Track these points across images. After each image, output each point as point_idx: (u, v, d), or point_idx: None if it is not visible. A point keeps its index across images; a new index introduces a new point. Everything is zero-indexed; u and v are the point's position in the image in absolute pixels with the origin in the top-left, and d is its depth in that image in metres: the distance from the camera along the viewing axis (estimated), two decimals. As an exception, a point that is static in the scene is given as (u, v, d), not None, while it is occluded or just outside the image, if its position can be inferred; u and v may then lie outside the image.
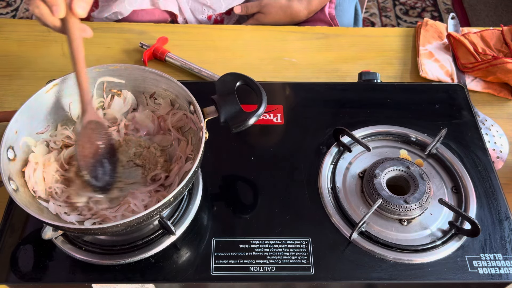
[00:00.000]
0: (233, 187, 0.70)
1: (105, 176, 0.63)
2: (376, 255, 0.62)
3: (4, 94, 0.89)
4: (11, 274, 0.61)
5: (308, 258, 0.62)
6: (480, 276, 0.60)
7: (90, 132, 0.63)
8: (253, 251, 0.62)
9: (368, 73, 0.85)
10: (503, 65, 0.86)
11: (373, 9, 2.31)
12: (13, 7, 2.30)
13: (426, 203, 0.65)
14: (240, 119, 0.63)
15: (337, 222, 0.65)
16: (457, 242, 0.63)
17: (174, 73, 0.92)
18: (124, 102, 0.71)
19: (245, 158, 0.72)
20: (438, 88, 0.82)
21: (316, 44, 0.98)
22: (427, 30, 0.98)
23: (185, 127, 0.69)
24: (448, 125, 0.73)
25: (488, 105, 0.88)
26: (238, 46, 0.98)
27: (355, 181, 0.70)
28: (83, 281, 0.61)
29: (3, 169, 0.58)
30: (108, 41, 0.97)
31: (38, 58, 0.94)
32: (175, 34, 0.98)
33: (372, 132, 0.75)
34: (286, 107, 0.79)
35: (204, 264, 0.61)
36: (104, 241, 0.63)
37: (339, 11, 1.12)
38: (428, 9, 2.31)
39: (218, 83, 0.65)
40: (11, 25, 1.01)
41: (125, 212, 0.62)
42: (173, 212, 0.66)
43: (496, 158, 0.79)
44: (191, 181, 0.59)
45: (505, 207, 0.67)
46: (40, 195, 0.63)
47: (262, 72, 0.93)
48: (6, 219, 0.65)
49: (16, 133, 0.62)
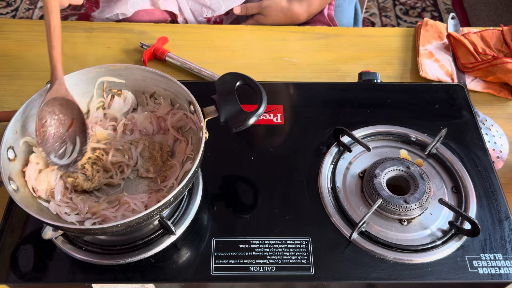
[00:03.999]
0: (233, 187, 0.70)
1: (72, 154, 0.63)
2: (376, 255, 0.62)
3: (4, 94, 0.89)
4: (11, 274, 0.61)
5: (308, 258, 0.62)
6: (480, 276, 0.61)
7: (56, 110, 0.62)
8: (253, 251, 0.62)
9: (368, 73, 0.85)
10: (503, 65, 0.86)
11: (373, 9, 2.31)
12: (13, 7, 2.30)
13: (426, 203, 0.65)
14: (240, 119, 0.63)
15: (337, 222, 0.65)
16: (457, 242, 0.63)
17: (174, 73, 0.92)
18: (124, 102, 0.71)
19: (245, 158, 0.72)
20: (438, 88, 0.82)
21: (316, 44, 0.98)
22: (427, 30, 0.98)
23: (185, 127, 0.69)
24: (448, 125, 0.73)
25: (488, 105, 0.88)
26: (238, 46, 0.98)
27: (355, 181, 0.70)
28: (83, 281, 0.61)
29: (3, 169, 0.58)
30: (108, 41, 0.97)
31: (38, 58, 0.94)
32: (175, 34, 0.98)
33: (372, 132, 0.75)
34: (286, 107, 0.79)
35: (204, 264, 0.61)
36: (104, 241, 0.63)
37: (338, 11, 1.12)
38: (428, 9, 2.31)
39: (218, 83, 0.65)
40: (11, 25, 1.01)
41: (125, 212, 0.62)
42: (173, 212, 0.66)
43: (496, 158, 0.79)
44: (191, 181, 0.59)
45: (505, 207, 0.67)
46: (40, 195, 0.63)
47: (262, 72, 0.93)
48: (6, 219, 0.65)
49: (16, 133, 0.62)
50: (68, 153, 0.63)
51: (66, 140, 0.63)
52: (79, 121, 0.64)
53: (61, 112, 0.63)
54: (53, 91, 0.61)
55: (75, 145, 0.64)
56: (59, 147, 0.63)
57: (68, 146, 0.63)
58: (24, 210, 0.54)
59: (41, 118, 0.61)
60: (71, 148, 0.63)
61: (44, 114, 0.61)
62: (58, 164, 0.62)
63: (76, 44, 0.97)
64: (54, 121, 0.62)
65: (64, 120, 0.63)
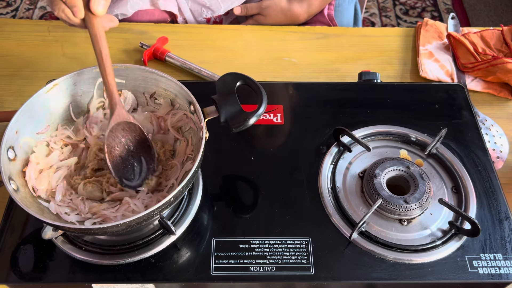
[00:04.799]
0: (233, 187, 0.70)
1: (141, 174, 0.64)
2: (376, 255, 0.62)
3: (4, 94, 0.89)
4: (11, 274, 0.61)
5: (308, 258, 0.62)
6: (480, 276, 0.61)
7: (119, 134, 0.63)
8: (253, 251, 0.62)
9: (368, 73, 0.85)
10: (503, 65, 0.86)
11: (373, 9, 2.31)
12: (13, 7, 2.30)
13: (426, 203, 0.65)
14: (240, 119, 0.63)
15: (337, 222, 0.65)
16: (457, 242, 0.63)
17: (174, 73, 0.92)
18: (124, 102, 0.71)
19: (245, 158, 0.72)
20: (438, 88, 0.82)
21: (316, 44, 0.98)
22: (427, 30, 0.98)
23: (185, 127, 0.69)
24: (448, 125, 0.73)
25: (488, 105, 0.88)
26: (238, 46, 0.98)
27: (355, 181, 0.70)
28: (83, 281, 0.61)
29: (3, 169, 0.58)
30: (108, 41, 0.96)
31: (38, 58, 0.94)
32: (175, 34, 0.98)
33: (372, 132, 0.75)
34: (286, 107, 0.79)
35: (204, 264, 0.61)
36: (104, 241, 0.63)
37: (338, 11, 1.12)
38: (428, 9, 2.31)
39: (218, 83, 0.65)
40: (11, 25, 1.01)
41: (125, 212, 0.62)
42: (173, 212, 0.66)
43: (496, 158, 0.79)
44: (191, 181, 0.59)
45: (505, 207, 0.67)
46: (40, 195, 0.63)
47: (262, 72, 0.93)
48: (6, 219, 0.65)
49: (16, 133, 0.62)
50: (137, 174, 0.64)
51: (133, 162, 0.65)
52: (143, 141, 0.65)
53: (124, 136, 0.64)
54: (115, 116, 0.62)
55: (142, 165, 0.65)
56: (127, 170, 0.64)
57: (136, 167, 0.65)
58: (24, 210, 0.54)
59: (109, 145, 0.62)
60: (139, 168, 0.65)
61: (110, 142, 0.62)
62: (131, 186, 0.63)
63: (76, 44, 0.97)
64: (120, 146, 0.64)
65: (128, 143, 0.64)
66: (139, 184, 0.64)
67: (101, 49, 0.62)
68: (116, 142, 0.63)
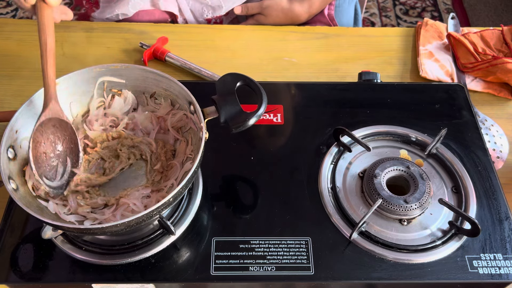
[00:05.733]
0: (233, 187, 0.70)
1: (63, 176, 0.62)
2: (376, 255, 0.62)
3: (4, 94, 0.89)
4: (11, 274, 0.61)
5: (308, 258, 0.62)
6: (480, 276, 0.60)
7: (49, 131, 0.61)
8: (253, 251, 0.62)
9: (368, 73, 0.85)
10: (503, 65, 0.86)
11: (373, 9, 2.31)
12: (13, 7, 2.30)
13: (426, 203, 0.65)
14: (240, 119, 0.63)
15: (337, 222, 0.65)
16: (457, 242, 0.63)
17: (174, 73, 0.92)
18: (125, 102, 0.71)
19: (245, 158, 0.72)
20: (438, 88, 0.82)
21: (316, 44, 0.98)
22: (427, 30, 0.98)
23: (185, 127, 0.69)
24: (448, 125, 0.73)
25: (488, 105, 0.88)
26: (238, 46, 0.98)
27: (355, 181, 0.70)
28: (83, 281, 0.61)
29: (3, 168, 0.58)
30: (108, 41, 0.97)
31: (38, 58, 0.93)
32: (175, 34, 0.98)
33: (372, 132, 0.75)
34: (286, 107, 0.79)
35: (204, 264, 0.61)
36: (104, 241, 0.63)
37: (338, 11, 1.12)
38: (428, 9, 2.31)
39: (218, 83, 0.65)
40: (11, 25, 1.01)
41: (125, 212, 0.62)
42: (173, 212, 0.66)
43: (496, 158, 0.79)
44: (191, 181, 0.59)
45: (505, 207, 0.67)
46: (40, 194, 0.63)
47: (262, 72, 0.93)
48: (6, 219, 0.65)
49: (16, 133, 0.62)
50: (59, 175, 0.62)
51: (56, 161, 0.62)
52: (72, 142, 0.62)
53: (53, 133, 0.61)
54: (47, 111, 0.60)
55: (66, 167, 0.63)
56: (50, 168, 0.61)
57: (59, 168, 0.62)
58: (24, 209, 0.54)
59: (35, 140, 0.60)
60: (62, 169, 0.62)
61: (38, 136, 0.60)
62: (50, 186, 0.61)
63: (76, 44, 0.97)
64: (47, 143, 0.61)
65: (56, 141, 0.62)
66: (60, 186, 0.62)
67: (46, 39, 0.60)
68: (43, 138, 0.60)
